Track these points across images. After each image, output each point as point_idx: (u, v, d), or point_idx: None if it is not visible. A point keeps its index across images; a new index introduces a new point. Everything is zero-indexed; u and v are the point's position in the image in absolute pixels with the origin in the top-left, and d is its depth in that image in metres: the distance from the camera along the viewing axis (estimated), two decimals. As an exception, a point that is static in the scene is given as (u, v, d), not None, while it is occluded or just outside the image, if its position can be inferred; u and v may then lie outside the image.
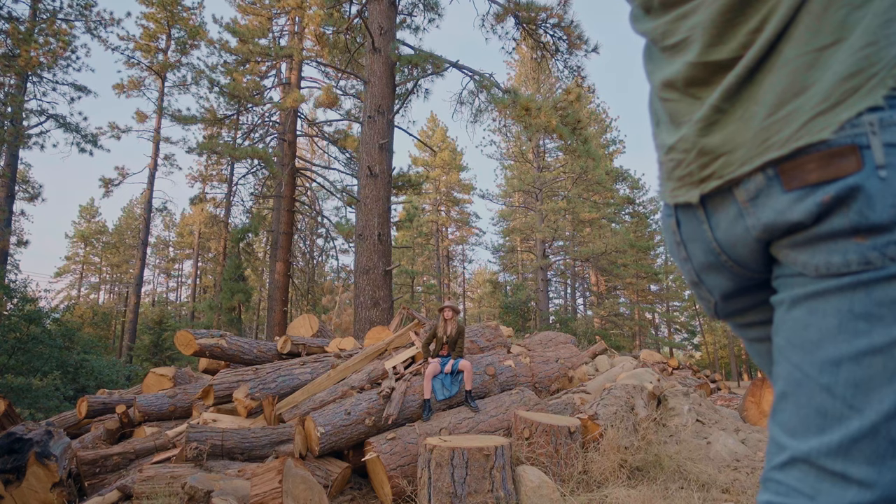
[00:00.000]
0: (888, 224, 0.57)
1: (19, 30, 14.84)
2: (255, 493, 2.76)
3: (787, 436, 0.64)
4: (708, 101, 0.70)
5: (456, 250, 37.66)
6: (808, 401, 0.61)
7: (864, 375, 0.57)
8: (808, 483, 0.61)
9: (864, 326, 0.58)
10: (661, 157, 0.80)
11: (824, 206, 0.60)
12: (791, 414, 0.64)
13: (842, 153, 0.59)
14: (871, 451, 0.57)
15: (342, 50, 14.41)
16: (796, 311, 0.64)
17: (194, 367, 10.54)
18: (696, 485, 3.54)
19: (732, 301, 0.79)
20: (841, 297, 0.60)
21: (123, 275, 37.63)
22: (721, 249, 0.72)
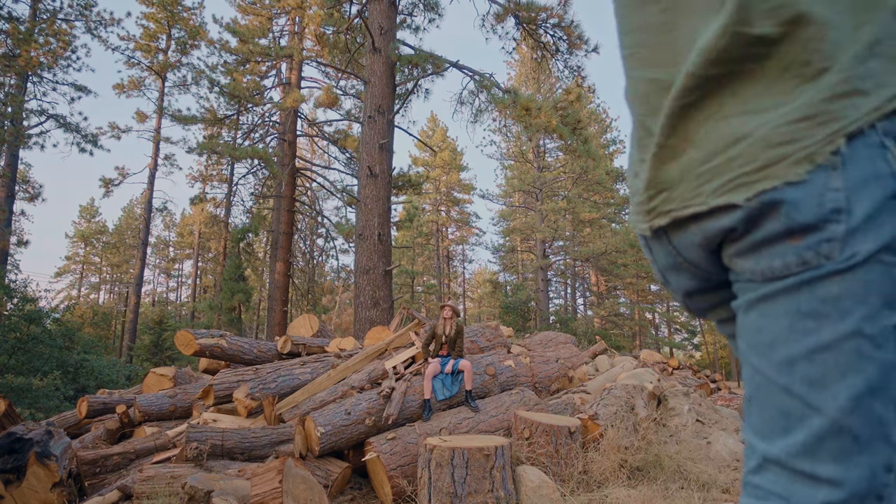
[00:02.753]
0: (816, 223, 0.59)
1: (19, 30, 14.85)
2: (255, 493, 2.76)
3: (757, 438, 0.64)
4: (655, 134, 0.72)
5: (456, 250, 37.67)
6: (771, 403, 0.62)
7: (818, 373, 0.58)
8: (781, 485, 0.61)
9: (812, 325, 0.59)
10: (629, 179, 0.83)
11: (751, 213, 0.63)
12: (758, 416, 0.64)
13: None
14: (836, 449, 0.57)
15: (342, 50, 14.41)
16: (751, 315, 0.65)
17: (194, 367, 10.54)
18: (696, 485, 3.54)
19: (698, 299, 0.80)
20: (788, 298, 0.61)
21: (123, 275, 37.64)
22: (677, 252, 0.74)
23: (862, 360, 0.57)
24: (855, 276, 0.58)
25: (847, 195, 0.58)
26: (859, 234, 0.58)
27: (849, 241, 0.58)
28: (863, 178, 0.58)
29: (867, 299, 0.57)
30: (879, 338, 0.56)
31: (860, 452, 0.56)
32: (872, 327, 0.57)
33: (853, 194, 0.58)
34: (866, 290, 0.57)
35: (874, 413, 0.56)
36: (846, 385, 0.57)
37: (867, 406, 0.56)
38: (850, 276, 0.58)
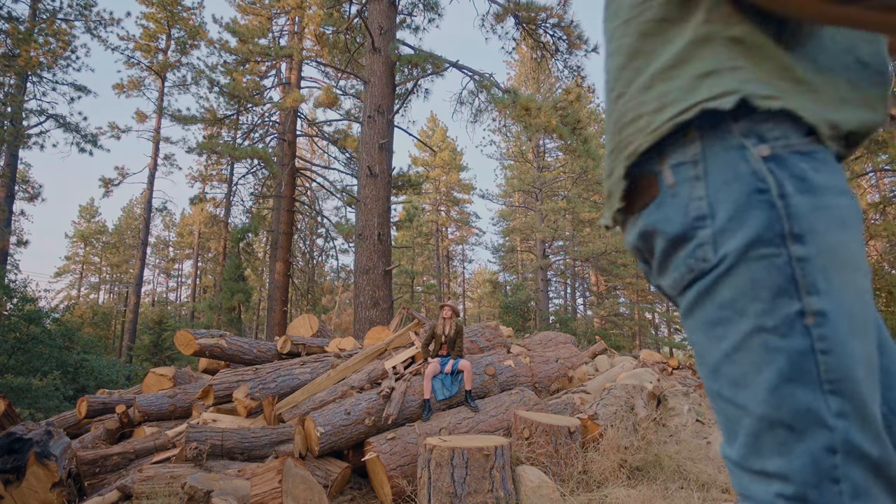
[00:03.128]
0: (686, 232, 0.64)
1: (19, 30, 14.84)
2: (254, 492, 2.76)
3: (726, 446, 0.66)
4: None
5: (456, 250, 37.65)
6: (718, 410, 0.65)
7: (737, 374, 0.60)
8: (744, 486, 0.63)
9: (720, 331, 0.62)
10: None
11: (641, 231, 0.70)
12: (720, 426, 0.66)
13: (647, 182, 0.68)
14: (775, 442, 0.57)
15: (342, 50, 14.40)
16: (686, 332, 0.70)
17: (194, 367, 10.53)
18: (696, 485, 3.54)
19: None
20: (696, 312, 0.65)
21: (123, 275, 37.62)
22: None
23: (770, 352, 0.58)
24: (738, 276, 0.60)
25: (710, 201, 0.62)
26: (727, 234, 0.61)
27: (718, 243, 0.61)
28: (724, 182, 0.62)
29: (758, 294, 0.59)
30: (782, 327, 0.57)
31: (798, 441, 0.56)
32: (772, 319, 0.58)
33: (716, 198, 0.62)
34: (754, 285, 0.59)
35: (798, 400, 0.56)
36: (763, 379, 0.58)
37: (789, 395, 0.56)
38: (734, 277, 0.60)
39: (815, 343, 0.56)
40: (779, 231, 0.59)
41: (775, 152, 0.61)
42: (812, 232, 0.58)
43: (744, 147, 0.62)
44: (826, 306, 0.57)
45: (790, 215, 0.59)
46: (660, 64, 0.69)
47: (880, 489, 0.55)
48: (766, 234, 0.59)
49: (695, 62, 0.66)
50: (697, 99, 0.64)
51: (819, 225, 0.58)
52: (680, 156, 0.65)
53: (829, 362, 0.56)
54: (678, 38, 0.68)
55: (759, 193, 0.60)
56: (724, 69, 0.64)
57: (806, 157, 0.61)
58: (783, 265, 0.58)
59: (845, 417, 0.55)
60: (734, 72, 0.64)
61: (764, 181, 0.60)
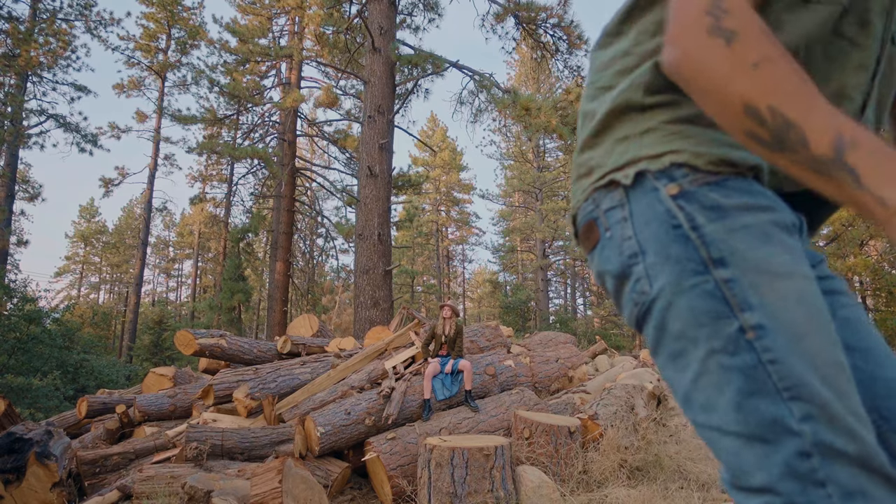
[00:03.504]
0: (624, 270, 0.70)
1: (19, 30, 14.84)
2: (255, 492, 2.76)
3: (721, 470, 0.67)
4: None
5: (456, 250, 37.65)
6: (702, 438, 0.66)
7: (705, 398, 0.62)
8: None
9: (682, 362, 0.64)
10: None
11: (595, 271, 0.76)
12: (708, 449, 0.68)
13: (589, 227, 0.76)
14: (755, 457, 0.58)
15: (342, 50, 14.40)
16: (660, 371, 0.72)
17: (194, 367, 10.53)
18: (696, 485, 3.54)
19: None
20: (660, 348, 0.68)
21: (123, 275, 37.62)
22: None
23: (726, 372, 0.60)
24: (679, 308, 0.64)
25: (637, 239, 0.68)
26: (657, 269, 0.66)
27: (652, 276, 0.66)
28: (645, 221, 0.68)
29: (701, 321, 0.62)
30: (729, 346, 0.60)
31: (773, 452, 0.57)
32: (719, 341, 0.61)
33: (641, 237, 0.68)
34: (695, 313, 0.63)
35: (763, 412, 0.58)
36: (726, 399, 0.60)
37: (753, 409, 0.58)
38: (677, 309, 0.64)
39: (762, 355, 0.58)
40: (700, 260, 0.63)
41: (683, 189, 0.66)
42: (733, 253, 0.62)
43: (656, 189, 0.68)
44: (762, 319, 0.59)
45: (706, 244, 0.63)
46: (590, 127, 0.77)
47: (875, 484, 0.55)
48: (689, 265, 0.63)
49: (614, 129, 0.75)
50: (607, 169, 0.73)
51: (739, 245, 0.62)
52: (609, 202, 0.72)
53: (780, 370, 0.57)
54: (605, 104, 0.76)
55: (674, 229, 0.65)
56: (634, 135, 0.72)
57: (716, 187, 0.65)
58: (713, 290, 0.62)
59: (811, 420, 0.56)
60: (641, 137, 0.71)
61: (675, 217, 0.65)
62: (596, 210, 0.74)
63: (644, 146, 0.70)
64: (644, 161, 0.69)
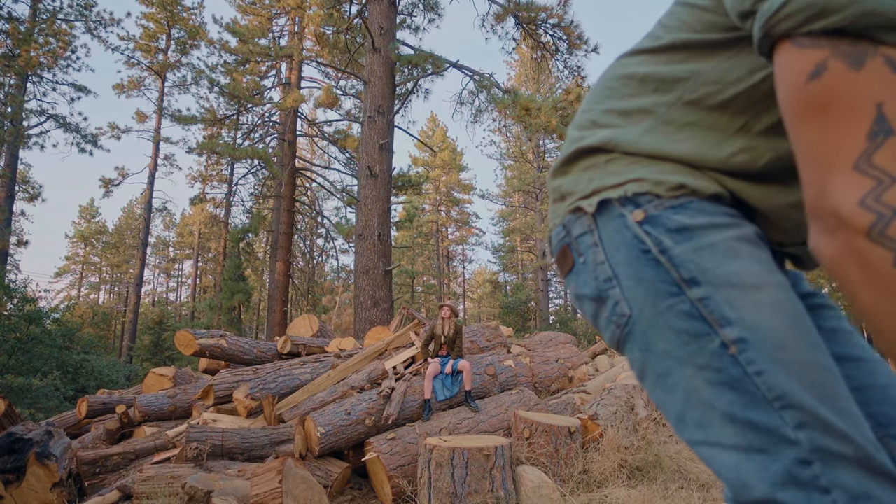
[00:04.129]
0: (600, 294, 0.71)
1: (19, 30, 14.84)
2: (255, 493, 2.76)
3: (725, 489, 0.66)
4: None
5: (456, 250, 37.64)
6: (700, 457, 0.66)
7: (698, 416, 0.62)
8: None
9: (671, 382, 0.65)
10: None
11: (573, 294, 0.77)
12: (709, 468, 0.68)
13: (564, 252, 0.77)
14: (757, 469, 0.58)
15: (342, 50, 14.40)
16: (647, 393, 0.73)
17: (194, 367, 10.54)
18: (696, 485, 3.54)
19: None
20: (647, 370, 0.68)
21: (123, 275, 37.62)
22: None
23: (714, 386, 0.60)
24: (660, 329, 0.65)
25: (610, 264, 0.69)
26: (632, 292, 0.67)
27: (630, 300, 0.67)
28: (615, 247, 0.69)
29: (683, 340, 0.63)
30: (714, 363, 0.61)
31: (772, 462, 0.57)
32: (702, 358, 0.61)
33: (613, 262, 0.69)
34: (676, 333, 0.63)
35: (756, 423, 0.58)
36: (720, 413, 0.60)
37: (746, 420, 0.58)
38: (658, 330, 0.65)
39: (747, 368, 0.59)
40: (672, 281, 0.64)
41: (648, 214, 0.67)
42: (703, 272, 0.63)
43: (622, 215, 0.69)
44: (742, 332, 0.60)
45: (676, 265, 0.64)
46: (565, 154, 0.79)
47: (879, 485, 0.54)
48: (662, 287, 0.64)
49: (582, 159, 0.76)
50: (576, 196, 0.75)
51: (707, 263, 0.63)
52: (579, 227, 0.74)
53: (767, 381, 0.57)
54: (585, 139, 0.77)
55: (643, 254, 0.66)
56: (599, 164, 0.74)
57: (680, 209, 0.67)
58: (690, 309, 0.63)
59: (805, 427, 0.55)
60: (606, 166, 0.73)
61: (643, 243, 0.66)
62: (567, 236, 0.76)
63: (608, 175, 0.72)
64: (608, 190, 0.71)
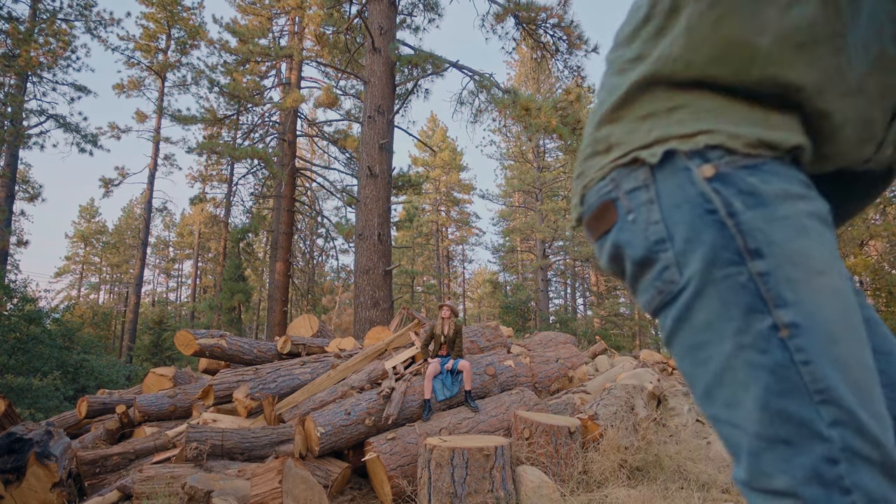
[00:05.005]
0: (649, 256, 0.65)
1: (19, 30, 14.84)
2: (255, 493, 2.76)
3: (735, 468, 0.65)
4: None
5: (456, 250, 37.64)
6: (720, 434, 0.64)
7: (728, 394, 0.60)
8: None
9: (704, 355, 0.61)
10: None
11: (610, 257, 0.71)
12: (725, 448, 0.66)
13: (605, 208, 0.70)
14: (777, 459, 0.56)
15: (342, 50, 14.40)
16: (673, 359, 0.68)
17: (194, 367, 10.54)
18: (696, 485, 3.54)
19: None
20: (678, 338, 0.64)
21: (123, 275, 37.62)
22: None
23: (754, 369, 0.57)
24: (708, 298, 0.60)
25: (666, 224, 0.63)
26: (687, 257, 0.61)
27: (682, 264, 0.62)
28: (675, 205, 0.63)
29: (731, 314, 0.59)
30: (760, 343, 0.57)
31: (798, 455, 0.55)
32: (748, 336, 0.58)
33: (670, 221, 0.63)
34: (724, 306, 0.59)
35: (789, 413, 0.55)
36: (752, 397, 0.57)
37: (779, 409, 0.56)
38: (705, 300, 0.60)
39: (794, 355, 0.56)
40: (735, 249, 0.59)
41: (720, 171, 0.61)
42: (770, 244, 0.58)
43: (688, 169, 0.63)
44: (797, 317, 0.56)
45: (743, 232, 0.59)
46: (612, 101, 0.71)
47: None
48: (723, 254, 0.59)
49: (638, 103, 0.69)
50: (632, 146, 0.67)
51: (776, 236, 0.58)
52: (632, 182, 0.67)
53: (813, 372, 0.55)
54: (629, 76, 0.70)
55: (708, 214, 0.61)
56: (661, 111, 0.67)
57: (754, 171, 0.61)
58: (746, 282, 0.58)
59: (841, 425, 0.54)
60: (670, 114, 0.66)
61: (710, 202, 0.61)
62: (615, 190, 0.68)
63: (673, 124, 0.65)
64: (674, 140, 0.64)
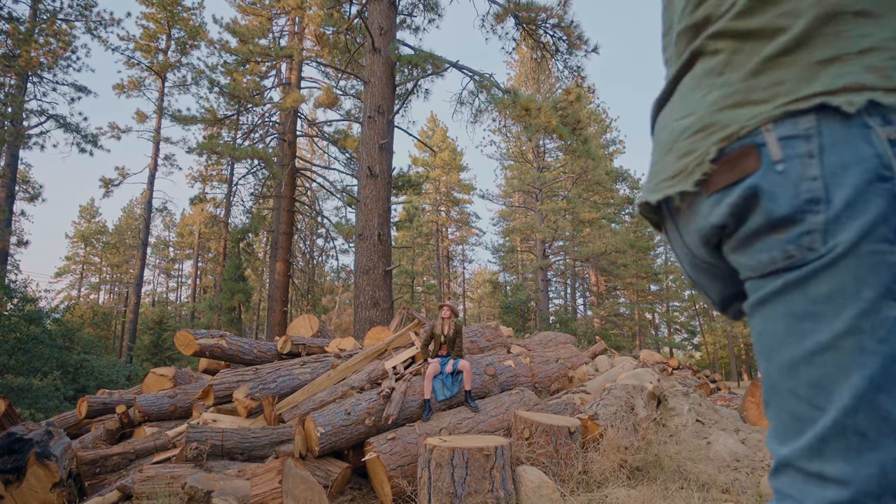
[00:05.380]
0: (793, 215, 0.58)
1: (19, 30, 14.85)
2: (255, 493, 2.76)
3: (775, 442, 0.63)
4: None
5: (456, 250, 37.65)
6: (782, 406, 0.61)
7: (820, 374, 0.56)
8: (795, 487, 0.60)
9: (808, 326, 0.57)
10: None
11: (735, 208, 0.62)
12: (774, 421, 0.63)
13: (744, 154, 0.61)
14: (843, 448, 0.55)
15: (342, 50, 14.40)
16: (755, 319, 0.64)
17: (194, 367, 10.54)
18: (696, 485, 3.54)
19: (726, 298, 0.78)
20: (782, 300, 0.59)
21: (123, 275, 37.64)
22: (692, 252, 0.73)
23: (863, 356, 0.54)
24: (842, 271, 0.55)
25: (825, 183, 0.56)
26: (840, 224, 0.55)
27: (830, 232, 0.56)
28: (842, 164, 0.56)
29: (861, 293, 0.54)
30: (881, 331, 0.53)
31: (869, 450, 0.53)
32: (871, 321, 0.53)
33: (832, 181, 0.56)
34: (858, 283, 0.54)
35: (881, 409, 0.53)
36: (850, 384, 0.54)
37: (873, 403, 0.53)
38: (837, 271, 0.55)
39: None
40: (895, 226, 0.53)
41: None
42: None
43: (867, 126, 0.55)
44: None
45: None
46: (781, 42, 0.61)
47: None
48: (881, 229, 0.54)
49: (816, 44, 0.59)
50: (815, 90, 0.58)
51: None
52: (790, 128, 0.58)
53: None
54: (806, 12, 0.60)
55: (880, 181, 0.54)
56: (849, 55, 0.58)
57: None
58: (894, 264, 0.53)
59: None
60: (861, 57, 0.57)
61: (889, 168, 0.54)
62: (766, 132, 0.60)
63: (868, 70, 0.56)
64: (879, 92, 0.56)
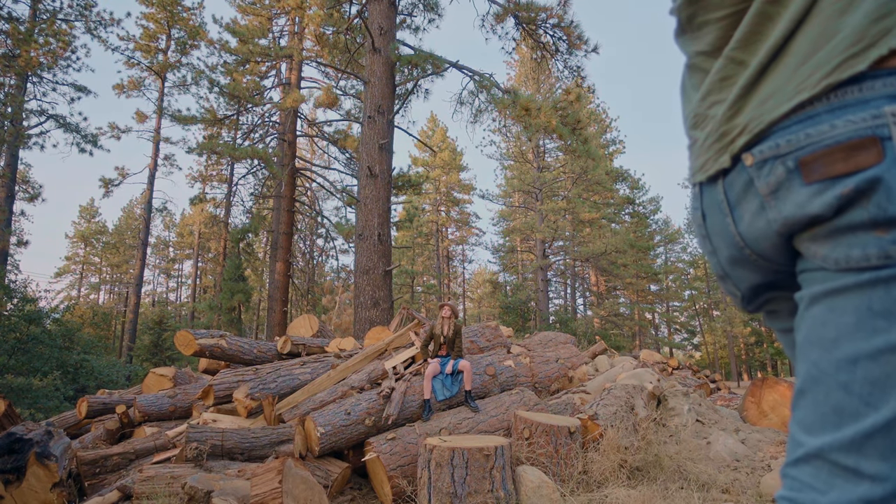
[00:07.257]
0: None
1: (19, 30, 14.85)
2: (255, 493, 2.76)
3: (803, 432, 0.62)
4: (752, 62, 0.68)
5: (456, 250, 37.66)
6: (826, 398, 0.60)
7: (882, 373, 0.55)
8: (820, 479, 0.60)
9: (882, 324, 0.55)
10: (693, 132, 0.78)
11: (844, 199, 0.58)
12: (808, 411, 0.62)
13: (862, 145, 0.57)
14: (885, 447, 0.55)
15: (342, 50, 14.40)
16: (816, 309, 0.62)
17: (194, 367, 10.54)
18: (696, 485, 3.54)
19: (760, 293, 0.77)
20: (860, 294, 0.57)
21: (123, 275, 37.64)
22: (745, 243, 0.70)
23: None
24: None
25: None
26: None
27: None
28: None
29: None
30: None
31: None
32: None
33: None
34: None
35: None
36: None
37: None
38: None
39: None
40: None
41: None
42: None
43: None
44: None
45: None
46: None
47: None
48: None
49: None
50: None
51: None
52: None
53: None
54: None
55: None
56: None
57: None
58: None
59: None
60: None
61: None
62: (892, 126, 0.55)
63: None
64: None
